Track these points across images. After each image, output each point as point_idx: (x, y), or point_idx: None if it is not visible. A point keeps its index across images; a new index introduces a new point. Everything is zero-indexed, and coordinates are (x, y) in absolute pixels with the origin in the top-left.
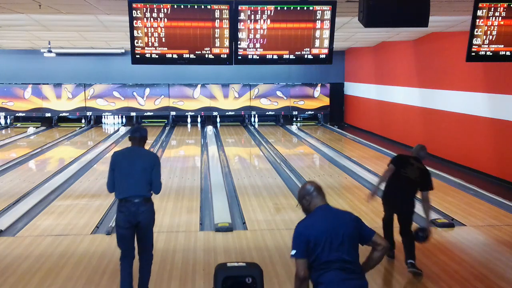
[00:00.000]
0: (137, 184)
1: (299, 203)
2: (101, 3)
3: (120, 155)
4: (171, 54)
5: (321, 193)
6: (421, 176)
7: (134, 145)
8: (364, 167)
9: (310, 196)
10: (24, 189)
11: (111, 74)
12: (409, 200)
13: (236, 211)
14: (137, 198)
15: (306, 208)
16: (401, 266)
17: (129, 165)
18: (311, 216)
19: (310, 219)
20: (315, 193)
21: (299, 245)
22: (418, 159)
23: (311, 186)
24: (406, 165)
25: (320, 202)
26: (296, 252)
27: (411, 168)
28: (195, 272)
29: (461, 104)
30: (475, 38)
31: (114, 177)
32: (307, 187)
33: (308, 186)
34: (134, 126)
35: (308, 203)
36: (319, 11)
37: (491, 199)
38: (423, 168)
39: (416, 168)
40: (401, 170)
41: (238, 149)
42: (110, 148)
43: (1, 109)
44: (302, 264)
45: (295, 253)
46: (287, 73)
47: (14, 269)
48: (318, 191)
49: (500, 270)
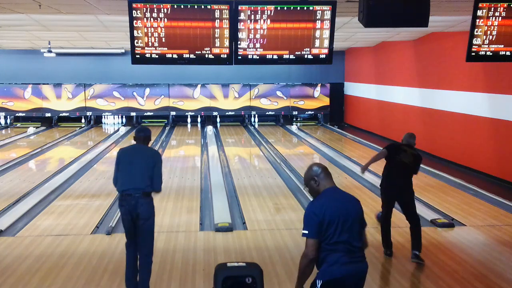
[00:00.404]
0: (138, 179)
1: (306, 185)
2: (101, 3)
3: (124, 151)
4: (171, 54)
5: (329, 175)
6: (414, 161)
7: (139, 144)
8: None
9: (319, 177)
10: (24, 189)
11: (111, 74)
12: (409, 184)
13: (236, 211)
14: (137, 192)
15: (315, 189)
16: (401, 266)
17: (131, 161)
18: (322, 196)
19: (322, 199)
20: (322, 174)
21: (312, 225)
22: (410, 146)
23: (318, 167)
24: (399, 152)
25: (328, 183)
26: (309, 232)
27: (405, 154)
28: (195, 272)
29: (461, 104)
30: (475, 38)
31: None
32: (314, 168)
33: (315, 167)
34: (139, 127)
35: (317, 184)
36: (319, 11)
37: (491, 199)
38: (416, 153)
39: (410, 154)
40: (395, 157)
41: (238, 149)
42: (110, 148)
43: (1, 109)
44: (313, 244)
45: (307, 232)
46: (287, 73)
47: (14, 269)
48: (325, 172)
49: (500, 270)
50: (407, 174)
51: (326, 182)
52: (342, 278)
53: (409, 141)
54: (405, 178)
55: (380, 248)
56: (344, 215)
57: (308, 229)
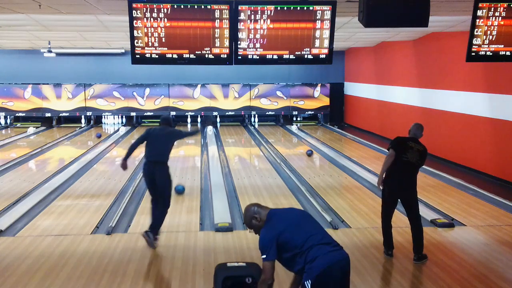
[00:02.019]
0: (158, 152)
1: (249, 227)
2: (101, 3)
3: (152, 129)
4: (171, 54)
5: (262, 205)
6: (421, 158)
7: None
8: (364, 167)
9: (257, 213)
10: (24, 189)
11: (111, 74)
12: (413, 185)
13: (236, 211)
14: (155, 162)
15: (259, 225)
16: (401, 266)
17: (156, 137)
18: (266, 221)
19: (268, 222)
20: (257, 208)
21: (269, 248)
22: (415, 140)
23: (251, 206)
24: (406, 150)
25: (266, 210)
26: (267, 255)
27: (411, 151)
28: (195, 272)
29: (461, 104)
30: (475, 38)
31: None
32: (250, 209)
33: (251, 208)
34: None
35: (258, 220)
36: (319, 11)
37: (491, 199)
38: (422, 149)
39: (416, 151)
40: (402, 156)
41: (238, 149)
42: (110, 148)
43: (1, 109)
44: (272, 267)
45: (266, 256)
46: (287, 73)
47: (14, 269)
48: (259, 205)
49: (500, 270)
50: (412, 174)
51: (264, 211)
52: (329, 267)
53: (415, 134)
54: (409, 179)
55: (380, 248)
56: (292, 221)
57: (267, 253)
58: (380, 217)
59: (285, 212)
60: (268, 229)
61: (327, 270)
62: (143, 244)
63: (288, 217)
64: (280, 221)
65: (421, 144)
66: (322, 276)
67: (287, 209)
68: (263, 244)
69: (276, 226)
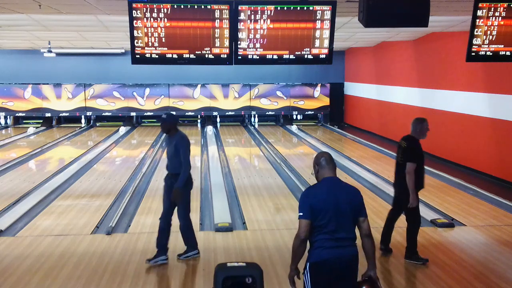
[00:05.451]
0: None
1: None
2: (101, 3)
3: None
4: (171, 54)
5: (331, 165)
6: (401, 155)
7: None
8: (364, 167)
9: (320, 166)
10: (24, 189)
11: (111, 74)
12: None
13: (236, 211)
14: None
15: (315, 176)
16: (401, 266)
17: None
18: (316, 185)
19: (315, 188)
20: (324, 163)
21: (304, 207)
22: (405, 136)
23: (322, 156)
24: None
25: (328, 173)
26: (302, 214)
27: (398, 151)
28: (195, 272)
29: (461, 104)
30: (475, 38)
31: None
32: (318, 156)
33: (319, 155)
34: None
35: (316, 171)
36: (319, 11)
37: (491, 199)
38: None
39: (398, 148)
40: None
41: (238, 149)
42: (110, 148)
43: (1, 109)
44: (306, 225)
45: (301, 214)
46: (287, 73)
47: (14, 269)
48: (327, 162)
49: (500, 270)
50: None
51: (325, 171)
52: (328, 260)
53: (412, 130)
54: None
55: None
56: (333, 206)
57: (301, 211)
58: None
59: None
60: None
61: (326, 262)
62: (143, 244)
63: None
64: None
65: (406, 140)
66: (319, 265)
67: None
68: (299, 203)
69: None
